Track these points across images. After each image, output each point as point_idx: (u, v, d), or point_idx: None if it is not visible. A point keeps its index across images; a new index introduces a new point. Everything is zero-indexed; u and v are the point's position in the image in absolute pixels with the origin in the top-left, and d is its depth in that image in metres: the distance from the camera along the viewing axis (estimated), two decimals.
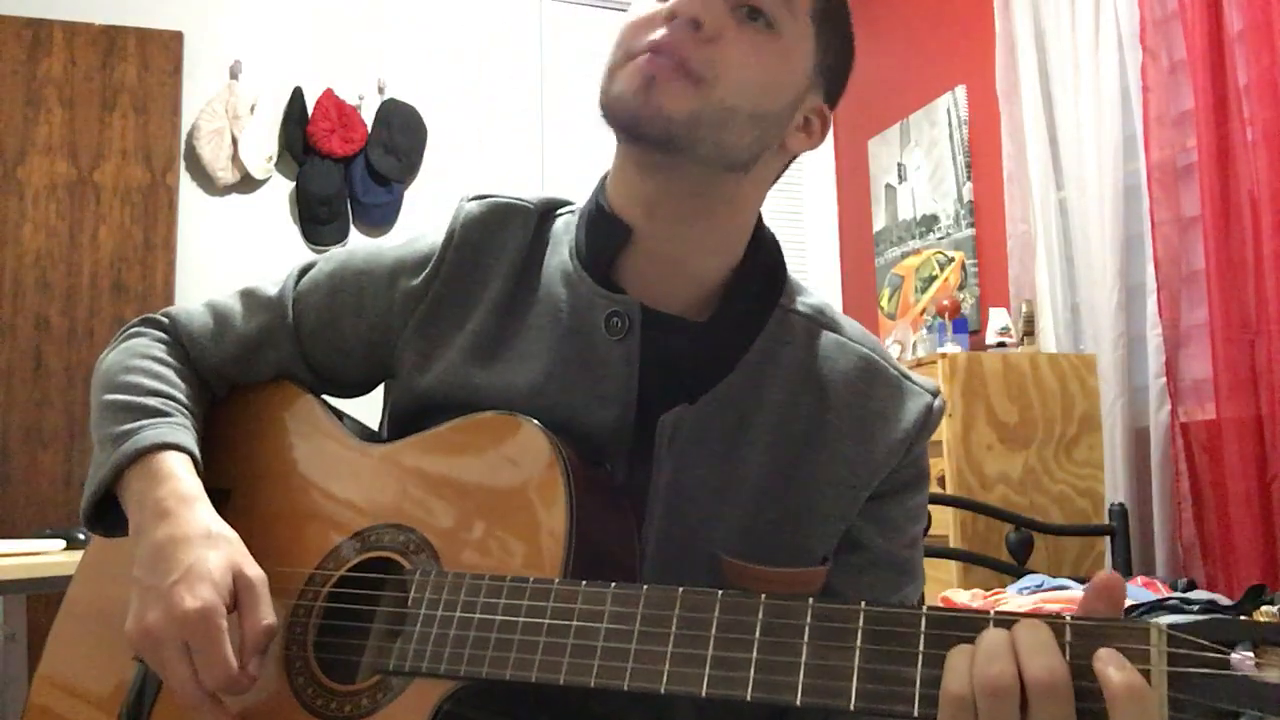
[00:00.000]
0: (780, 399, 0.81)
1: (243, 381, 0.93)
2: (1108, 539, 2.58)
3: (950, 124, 3.66)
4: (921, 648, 0.56)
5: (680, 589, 0.65)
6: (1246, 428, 2.36)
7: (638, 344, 0.79)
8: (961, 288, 3.42)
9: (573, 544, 0.71)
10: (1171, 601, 1.83)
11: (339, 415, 0.91)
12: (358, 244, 0.94)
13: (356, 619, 0.79)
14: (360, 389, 0.94)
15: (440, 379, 0.83)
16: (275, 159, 3.66)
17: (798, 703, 0.58)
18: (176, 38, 3.50)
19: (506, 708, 0.75)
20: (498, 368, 0.82)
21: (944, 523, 2.59)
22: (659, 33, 0.74)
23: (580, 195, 0.90)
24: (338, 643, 0.79)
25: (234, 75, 3.65)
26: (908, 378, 0.86)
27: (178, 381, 0.89)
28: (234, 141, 3.59)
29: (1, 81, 3.29)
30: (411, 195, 3.82)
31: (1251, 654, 0.46)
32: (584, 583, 0.69)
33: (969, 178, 3.57)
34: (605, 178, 0.86)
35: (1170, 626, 0.49)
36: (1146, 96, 2.70)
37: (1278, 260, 2.32)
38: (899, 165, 3.96)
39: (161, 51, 3.47)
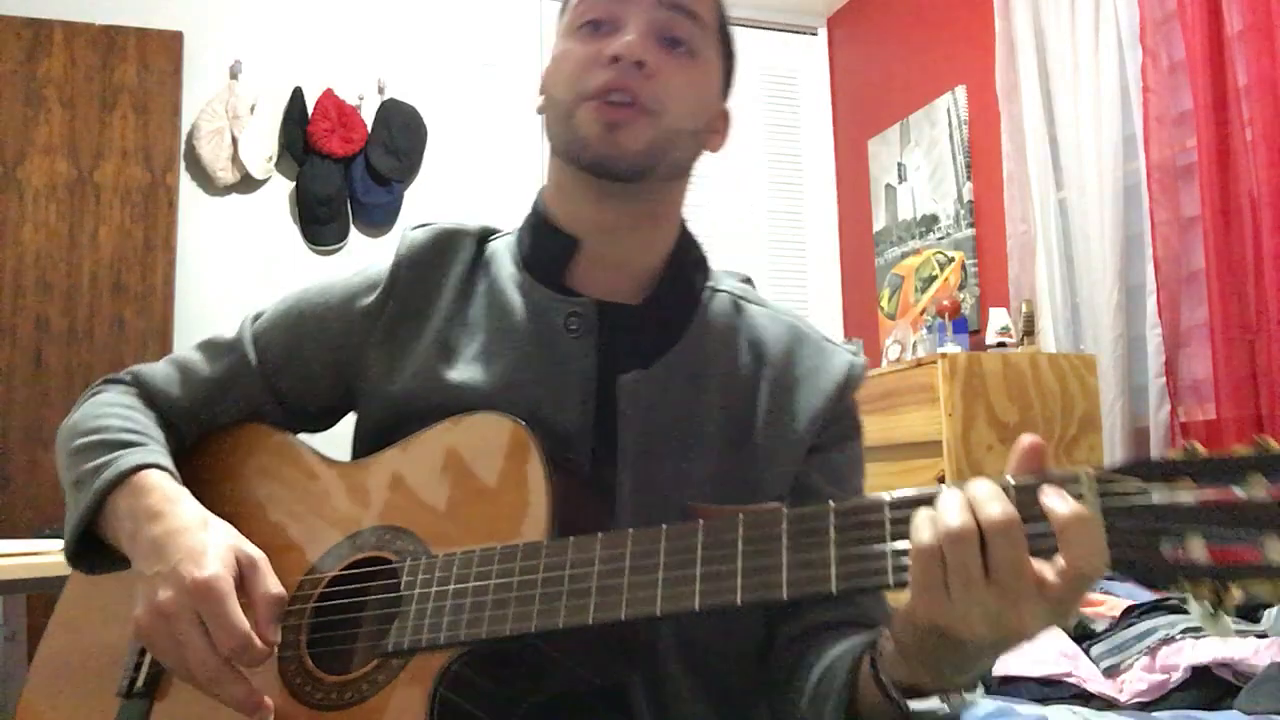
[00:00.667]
0: (723, 363, 0.90)
1: (211, 424, 0.95)
2: None
3: (950, 124, 3.66)
4: (888, 526, 0.62)
5: (664, 526, 0.70)
6: (1246, 428, 2.36)
7: (595, 338, 0.88)
8: (961, 288, 3.42)
9: (555, 517, 0.75)
10: (1171, 601, 1.83)
11: (305, 445, 0.94)
12: (308, 282, 0.98)
13: (350, 614, 0.80)
14: (328, 417, 0.98)
15: (411, 381, 0.88)
16: (275, 159, 3.66)
17: (784, 597, 0.63)
18: (176, 38, 3.51)
19: (504, 684, 0.77)
20: (464, 368, 0.88)
21: None
22: (606, 75, 0.83)
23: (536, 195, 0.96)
24: (333, 636, 0.80)
25: (234, 75, 3.65)
26: (829, 341, 0.97)
27: (148, 423, 0.92)
28: (234, 141, 3.59)
29: (1, 81, 3.29)
30: (411, 195, 3.82)
31: (1165, 483, 0.56)
32: (572, 539, 0.73)
33: (969, 178, 3.57)
34: (542, 194, 0.95)
35: (1095, 468, 0.58)
36: (1146, 96, 2.70)
37: (1278, 260, 2.32)
38: (899, 165, 3.96)
39: (161, 51, 3.47)
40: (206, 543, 0.76)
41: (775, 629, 0.87)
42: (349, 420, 0.98)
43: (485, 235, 0.97)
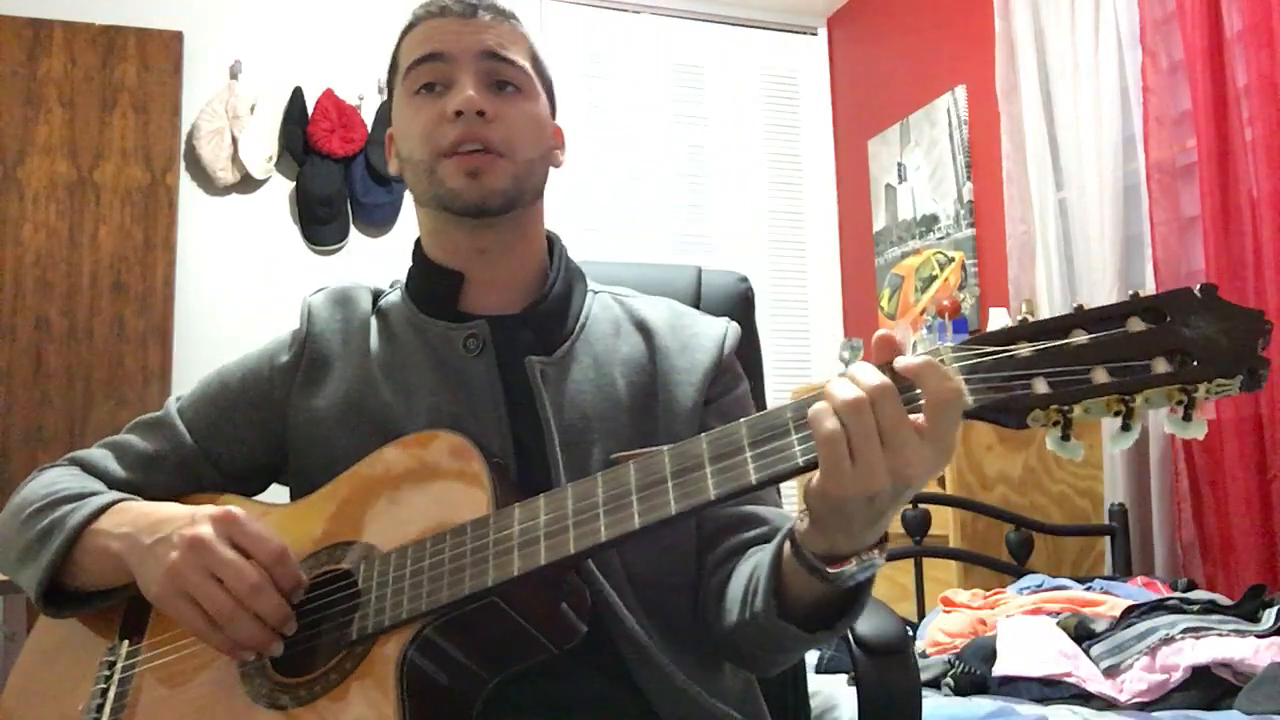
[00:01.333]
0: (615, 344, 1.01)
1: (153, 495, 0.98)
2: (1107, 539, 2.59)
3: (950, 124, 3.66)
4: (791, 420, 0.72)
5: (599, 474, 0.79)
6: (1246, 428, 2.36)
7: (493, 354, 0.97)
8: (961, 288, 3.42)
9: (495, 489, 0.82)
10: (1171, 601, 1.83)
11: (255, 500, 0.99)
12: (222, 363, 1.08)
13: (311, 625, 0.82)
14: (260, 477, 1.05)
15: (341, 400, 0.97)
16: (275, 159, 3.66)
17: (712, 497, 0.72)
18: (176, 38, 3.51)
19: (470, 654, 0.80)
20: (380, 397, 0.96)
21: (944, 523, 2.59)
22: (455, 131, 0.95)
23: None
24: (298, 651, 0.81)
25: (234, 75, 3.65)
26: (706, 315, 1.08)
27: (101, 485, 0.98)
28: (234, 141, 3.59)
29: (1, 81, 3.29)
30: (411, 195, 3.82)
31: (1011, 346, 0.67)
32: (516, 504, 0.79)
33: (969, 178, 3.57)
34: (418, 244, 1.05)
35: (953, 346, 0.70)
36: (1146, 97, 2.70)
37: (1278, 260, 2.32)
38: (899, 165, 3.96)
39: (161, 51, 3.47)
40: (197, 512, 0.83)
41: (703, 556, 0.96)
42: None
43: (377, 294, 1.08)
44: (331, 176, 3.68)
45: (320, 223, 3.67)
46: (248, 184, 3.65)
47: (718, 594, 0.92)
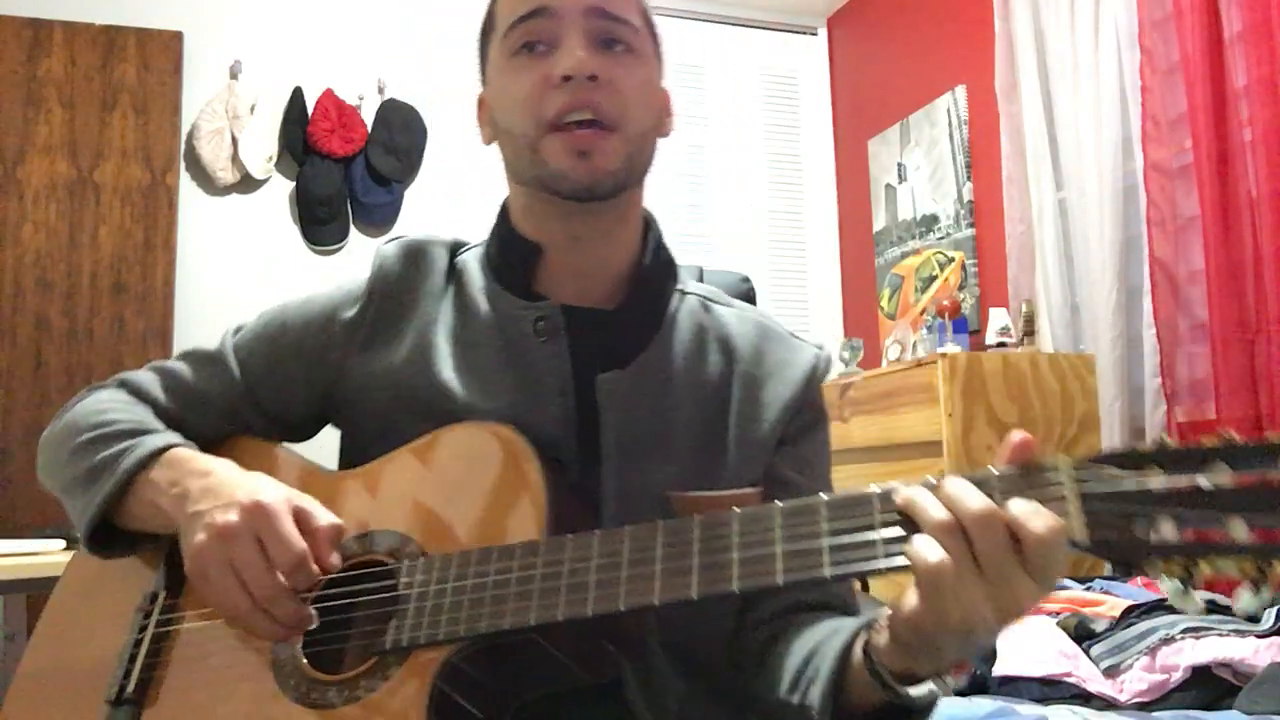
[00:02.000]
0: (694, 361, 0.93)
1: (196, 433, 0.95)
2: None
3: (950, 124, 3.66)
4: (878, 514, 0.65)
5: (660, 521, 0.72)
6: (1246, 428, 2.36)
7: (565, 341, 0.89)
8: (961, 288, 3.42)
9: (550, 513, 0.77)
10: (1171, 601, 1.83)
11: (299, 455, 0.95)
12: (287, 298, 1.00)
13: (345, 613, 0.81)
14: (309, 427, 0.99)
15: (398, 376, 0.90)
16: (275, 159, 3.66)
17: (780, 581, 0.66)
18: (176, 38, 3.51)
19: (499, 679, 0.78)
20: (444, 373, 0.89)
21: None
22: (562, 97, 0.84)
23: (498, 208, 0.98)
24: (329, 638, 0.80)
25: (234, 75, 3.65)
26: (796, 337, 0.99)
27: (151, 415, 0.94)
28: (234, 141, 3.59)
29: (1, 81, 3.29)
30: (411, 195, 3.82)
31: (1139, 472, 0.59)
32: (569, 536, 0.74)
33: (969, 178, 3.57)
34: (505, 208, 0.96)
35: (1073, 458, 0.62)
36: (1145, 97, 2.70)
37: (1277, 260, 2.32)
38: (899, 165, 3.96)
39: (161, 51, 3.47)
40: (261, 480, 0.81)
41: (743, 612, 0.90)
42: (331, 431, 0.99)
43: (455, 248, 0.99)
44: (331, 176, 3.68)
45: (320, 223, 3.67)
46: (248, 184, 3.65)
47: (759, 654, 0.87)
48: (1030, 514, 0.59)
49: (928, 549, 0.61)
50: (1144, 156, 2.69)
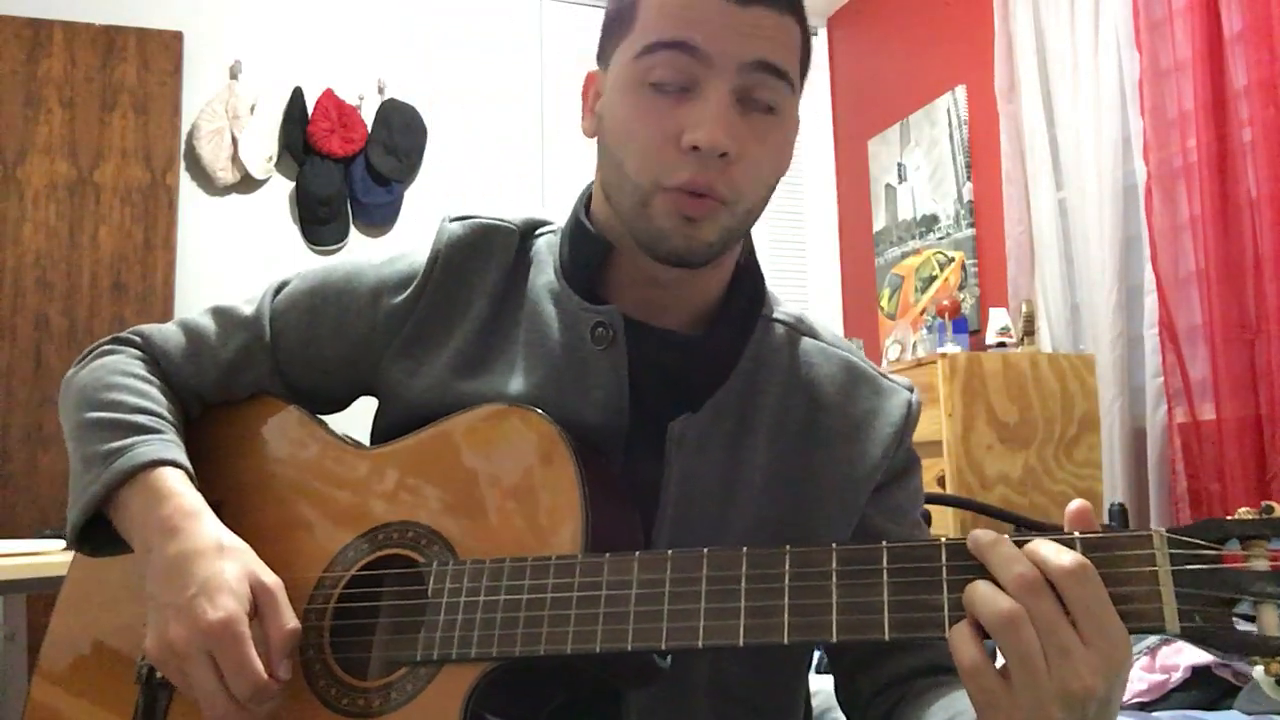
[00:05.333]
0: (774, 404, 0.84)
1: (218, 401, 0.92)
2: None
3: (950, 124, 3.66)
4: (945, 574, 0.59)
5: (705, 549, 0.67)
6: (1246, 428, 2.36)
7: (624, 352, 0.81)
8: (961, 288, 3.42)
9: (589, 520, 0.72)
10: None
11: (324, 424, 0.90)
12: (336, 261, 0.93)
13: (373, 617, 0.79)
14: (338, 405, 0.94)
15: (427, 390, 0.84)
16: (275, 159, 3.66)
17: (834, 639, 0.61)
18: (176, 38, 3.50)
19: (532, 693, 0.75)
20: (487, 379, 0.83)
21: (944, 523, 2.59)
22: (686, 171, 0.75)
23: (580, 191, 0.91)
24: (356, 641, 0.78)
25: (234, 75, 3.65)
26: (886, 377, 0.90)
27: (161, 399, 0.88)
28: (234, 141, 3.59)
29: (1, 81, 3.29)
30: (411, 195, 3.82)
31: (1239, 547, 0.53)
32: (608, 554, 0.70)
33: (969, 178, 3.57)
34: (588, 195, 0.88)
35: (1168, 530, 0.55)
36: (1145, 97, 2.70)
37: (1276, 260, 2.32)
38: (899, 165, 3.96)
39: (161, 51, 3.47)
40: (223, 573, 0.73)
41: (856, 679, 0.85)
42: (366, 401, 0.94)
43: (530, 230, 0.90)
44: (331, 176, 3.68)
45: (320, 223, 3.67)
46: (248, 184, 3.65)
47: None
48: (1055, 553, 0.54)
49: (967, 644, 0.55)
50: (1144, 156, 2.69)
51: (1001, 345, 2.98)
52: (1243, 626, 0.53)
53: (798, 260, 4.34)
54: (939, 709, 0.75)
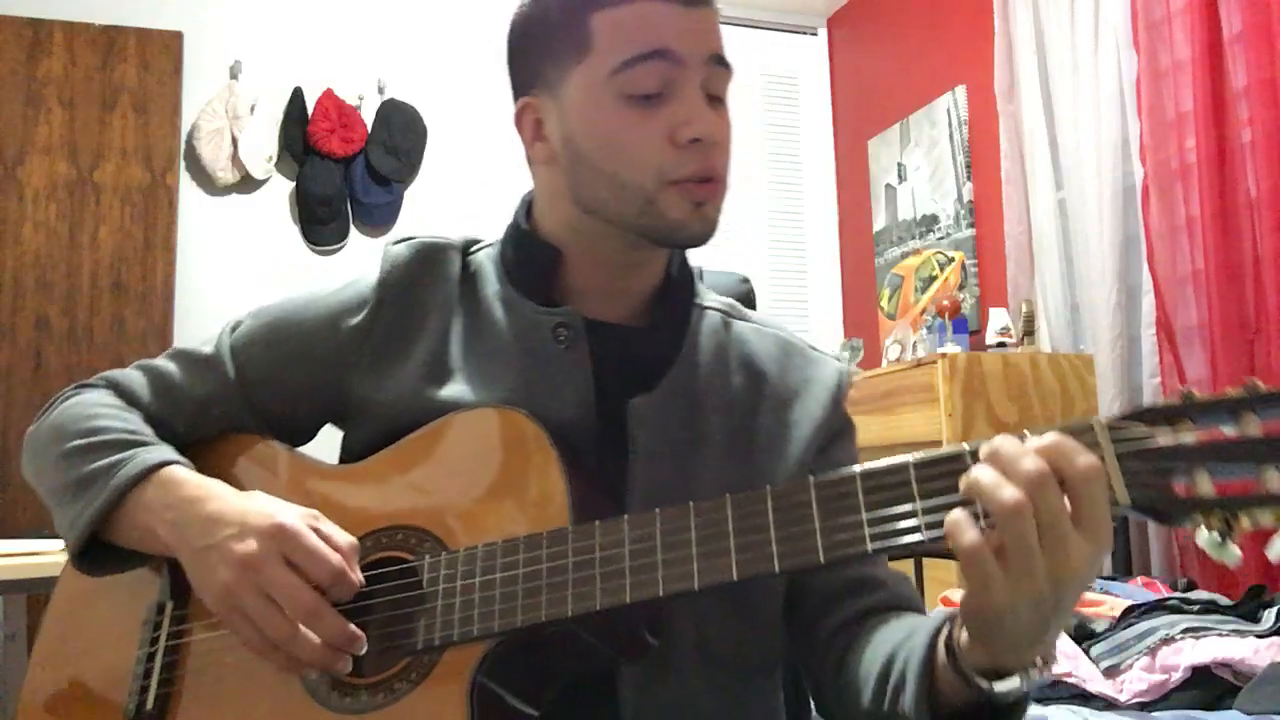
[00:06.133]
0: (719, 382, 0.91)
1: (192, 440, 0.92)
2: None
3: (950, 124, 3.66)
4: (915, 485, 0.64)
5: (691, 504, 0.71)
6: None
7: (586, 349, 0.87)
8: (961, 288, 3.42)
9: (573, 501, 0.75)
10: (1171, 601, 1.83)
11: (298, 451, 0.91)
12: (287, 295, 0.95)
13: (368, 615, 0.79)
14: (307, 435, 0.95)
15: (400, 398, 0.86)
16: (275, 159, 3.67)
17: (822, 560, 0.65)
18: (176, 38, 3.51)
19: (537, 670, 0.76)
20: (455, 386, 0.86)
21: None
22: (693, 163, 0.81)
23: (515, 208, 0.95)
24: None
25: (234, 75, 3.65)
26: (815, 349, 0.98)
27: (145, 425, 0.89)
28: (234, 141, 3.59)
29: (1, 81, 3.29)
30: (411, 195, 3.82)
31: (1169, 428, 0.60)
32: (597, 522, 0.73)
33: (969, 178, 3.57)
34: (528, 206, 0.93)
35: (1105, 419, 0.62)
36: (1144, 97, 2.70)
37: (1276, 260, 2.32)
38: (899, 165, 3.96)
39: (161, 51, 3.47)
40: (265, 500, 0.78)
41: (815, 626, 0.88)
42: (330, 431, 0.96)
43: (468, 247, 0.95)
44: (331, 176, 3.68)
45: (320, 223, 3.67)
46: (248, 184, 3.65)
47: (836, 668, 0.84)
48: (1073, 450, 0.58)
49: (967, 529, 0.59)
50: (1143, 157, 2.69)
51: (1001, 345, 2.98)
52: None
53: (798, 260, 4.34)
54: (896, 629, 0.80)
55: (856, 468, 0.67)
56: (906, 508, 0.64)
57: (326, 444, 0.95)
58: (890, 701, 0.74)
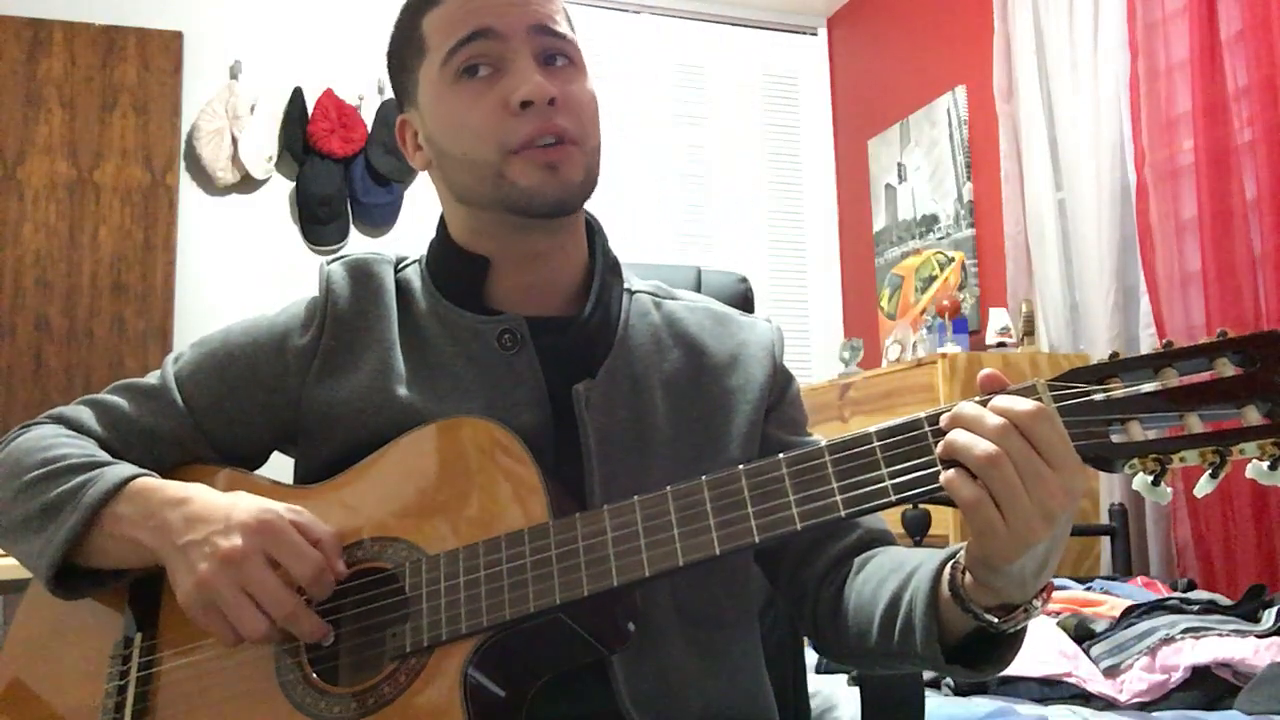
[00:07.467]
0: (658, 361, 0.93)
1: (143, 467, 0.90)
2: (1107, 539, 2.59)
3: (950, 124, 3.66)
4: (880, 455, 0.69)
5: (669, 487, 0.73)
6: None
7: (532, 349, 0.89)
8: (961, 288, 3.42)
9: (549, 495, 0.77)
10: (1171, 601, 1.83)
11: (260, 477, 0.91)
12: (229, 324, 0.96)
13: (355, 623, 0.79)
14: (259, 460, 0.96)
15: (359, 401, 0.87)
16: (275, 159, 3.66)
17: (799, 527, 0.69)
18: (176, 38, 3.51)
19: (526, 663, 0.77)
20: (409, 399, 0.87)
21: (944, 523, 2.59)
22: (529, 125, 0.84)
23: (435, 226, 0.97)
24: (336, 650, 0.78)
25: (234, 75, 3.65)
26: (744, 314, 1.02)
27: (102, 452, 0.89)
28: (234, 141, 3.59)
29: (1, 81, 3.29)
30: (411, 195, 3.82)
31: (1103, 385, 0.66)
32: (578, 514, 0.75)
33: (969, 178, 3.57)
34: (443, 227, 0.95)
35: (1045, 380, 0.68)
36: (1143, 98, 2.70)
37: (1275, 260, 2.32)
38: (899, 165, 3.96)
39: (161, 51, 3.47)
40: (246, 499, 0.78)
41: (798, 576, 0.91)
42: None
43: (397, 263, 0.97)
44: (331, 176, 3.68)
45: (320, 223, 3.67)
46: (248, 184, 3.65)
47: (831, 611, 0.87)
48: (1019, 402, 0.64)
49: (964, 484, 0.64)
50: (1142, 157, 2.69)
51: (1002, 345, 2.98)
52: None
53: (798, 260, 4.34)
54: (883, 565, 0.84)
55: (822, 440, 0.72)
56: (873, 474, 0.69)
57: (279, 470, 0.95)
58: (900, 642, 0.77)
